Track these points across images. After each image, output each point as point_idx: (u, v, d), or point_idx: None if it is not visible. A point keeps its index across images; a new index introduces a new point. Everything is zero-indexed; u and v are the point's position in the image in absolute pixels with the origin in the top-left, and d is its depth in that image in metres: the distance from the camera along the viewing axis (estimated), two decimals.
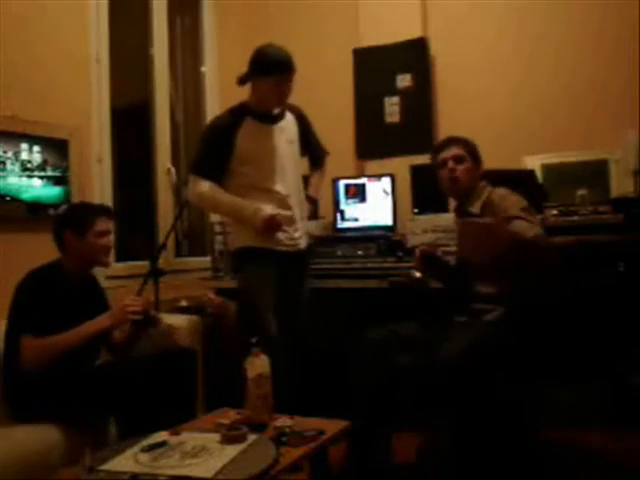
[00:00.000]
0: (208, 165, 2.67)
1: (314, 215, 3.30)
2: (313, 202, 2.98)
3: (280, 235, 2.66)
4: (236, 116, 2.68)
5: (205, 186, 2.66)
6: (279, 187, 2.68)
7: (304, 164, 2.95)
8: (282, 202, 2.69)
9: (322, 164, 2.99)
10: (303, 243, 2.79)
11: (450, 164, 2.45)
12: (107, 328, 2.30)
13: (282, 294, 2.68)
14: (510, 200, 2.36)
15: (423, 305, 2.58)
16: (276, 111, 2.72)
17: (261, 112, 2.68)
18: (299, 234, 2.75)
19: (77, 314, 2.28)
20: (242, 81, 2.66)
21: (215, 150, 2.66)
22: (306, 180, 2.92)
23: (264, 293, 2.64)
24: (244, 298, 2.76)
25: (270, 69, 2.57)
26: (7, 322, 2.27)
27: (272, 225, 2.60)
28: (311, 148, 2.92)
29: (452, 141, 2.53)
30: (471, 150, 2.49)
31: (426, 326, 2.44)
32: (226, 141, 2.64)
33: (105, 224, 2.38)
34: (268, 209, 2.61)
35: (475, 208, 2.44)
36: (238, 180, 2.68)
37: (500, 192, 2.43)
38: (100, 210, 2.45)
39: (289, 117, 2.78)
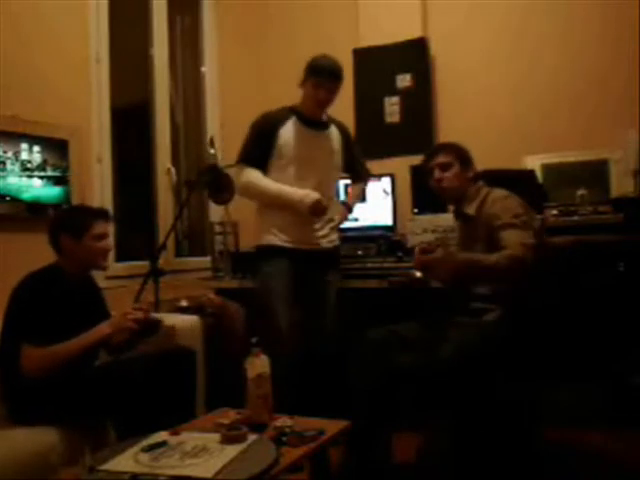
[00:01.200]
0: (253, 153, 2.77)
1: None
2: (348, 208, 3.06)
3: (301, 235, 2.74)
4: (285, 113, 2.78)
5: (251, 174, 2.75)
6: (307, 186, 2.73)
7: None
8: None
9: (364, 184, 3.15)
10: (326, 243, 2.84)
11: (436, 173, 2.48)
12: (108, 336, 2.26)
13: (301, 293, 2.73)
14: (503, 206, 2.35)
15: (423, 305, 2.58)
16: (324, 118, 2.82)
17: (307, 117, 2.77)
18: (322, 233, 2.81)
19: (76, 317, 2.27)
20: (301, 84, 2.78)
21: (260, 139, 2.76)
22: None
23: (279, 292, 2.70)
24: (259, 297, 2.79)
25: (310, 71, 2.70)
26: (4, 324, 2.24)
27: (318, 209, 2.68)
28: (354, 166, 3.03)
29: (438, 149, 2.58)
30: (459, 155, 2.49)
31: (426, 326, 2.43)
32: (270, 132, 2.74)
33: (102, 227, 2.34)
34: (315, 194, 2.68)
35: (471, 210, 2.45)
36: (270, 175, 2.76)
37: (496, 195, 2.42)
38: (97, 213, 2.40)
39: (333, 129, 2.88)
